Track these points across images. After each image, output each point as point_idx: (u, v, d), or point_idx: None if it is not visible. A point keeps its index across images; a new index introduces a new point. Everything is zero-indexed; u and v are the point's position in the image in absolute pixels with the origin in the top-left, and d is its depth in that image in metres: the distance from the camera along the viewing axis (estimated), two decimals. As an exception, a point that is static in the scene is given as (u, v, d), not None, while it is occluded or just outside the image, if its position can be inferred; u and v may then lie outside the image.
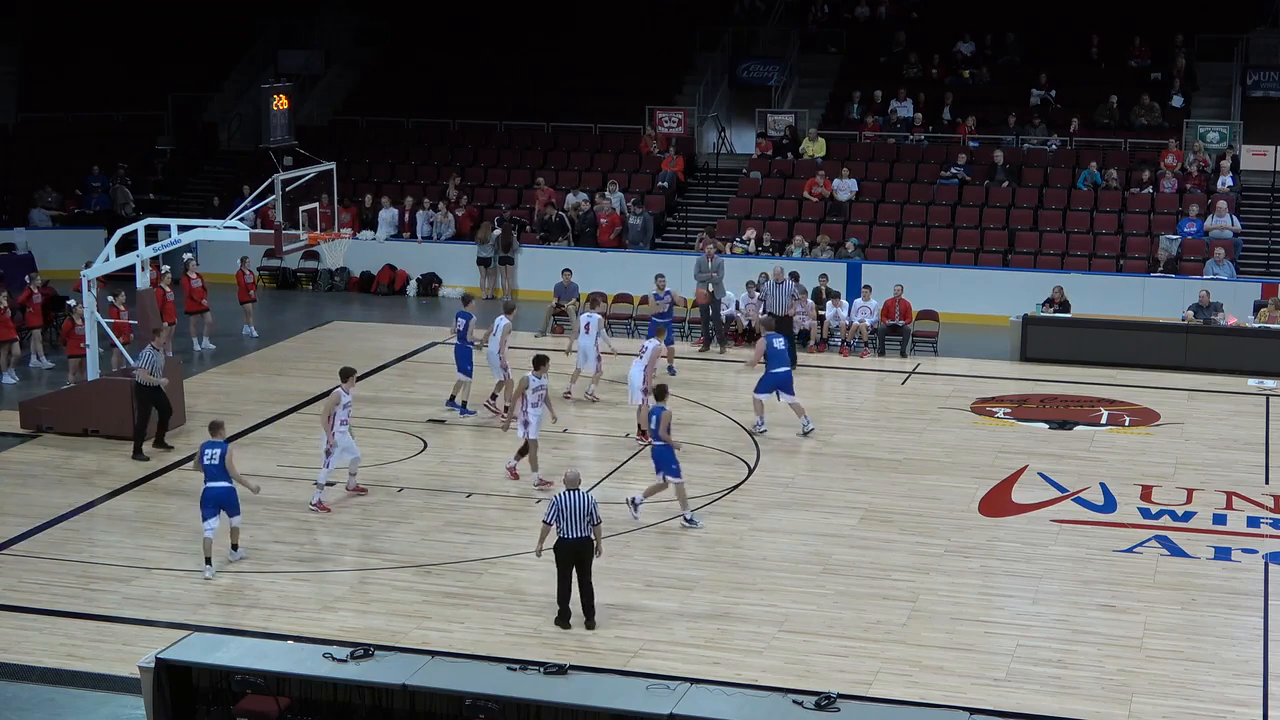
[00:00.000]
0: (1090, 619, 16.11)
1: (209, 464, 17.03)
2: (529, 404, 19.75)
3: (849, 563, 17.69)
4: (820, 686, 13.52)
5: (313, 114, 39.32)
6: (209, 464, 17.03)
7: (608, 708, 12.16)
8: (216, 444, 17.14)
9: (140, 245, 22.79)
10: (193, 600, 16.51)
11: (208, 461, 17.04)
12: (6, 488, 20.27)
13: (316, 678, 12.73)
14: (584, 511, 15.45)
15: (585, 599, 15.69)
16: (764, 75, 38.12)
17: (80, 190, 37.61)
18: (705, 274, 28.10)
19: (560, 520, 15.46)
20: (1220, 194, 31.93)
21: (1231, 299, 28.56)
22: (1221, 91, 36.07)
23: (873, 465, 21.26)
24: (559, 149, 37.42)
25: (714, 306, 28.28)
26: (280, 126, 22.98)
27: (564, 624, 15.63)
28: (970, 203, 33.36)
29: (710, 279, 28.09)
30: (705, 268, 28.15)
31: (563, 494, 15.57)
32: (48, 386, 25.31)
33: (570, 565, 15.58)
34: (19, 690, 14.63)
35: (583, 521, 15.43)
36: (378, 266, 34.25)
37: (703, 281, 28.12)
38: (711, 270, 28.09)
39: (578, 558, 15.56)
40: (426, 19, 40.91)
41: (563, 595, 15.68)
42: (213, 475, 17.02)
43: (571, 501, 15.46)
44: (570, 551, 15.54)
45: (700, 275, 28.17)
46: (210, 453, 17.05)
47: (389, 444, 22.02)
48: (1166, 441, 22.71)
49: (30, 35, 41.24)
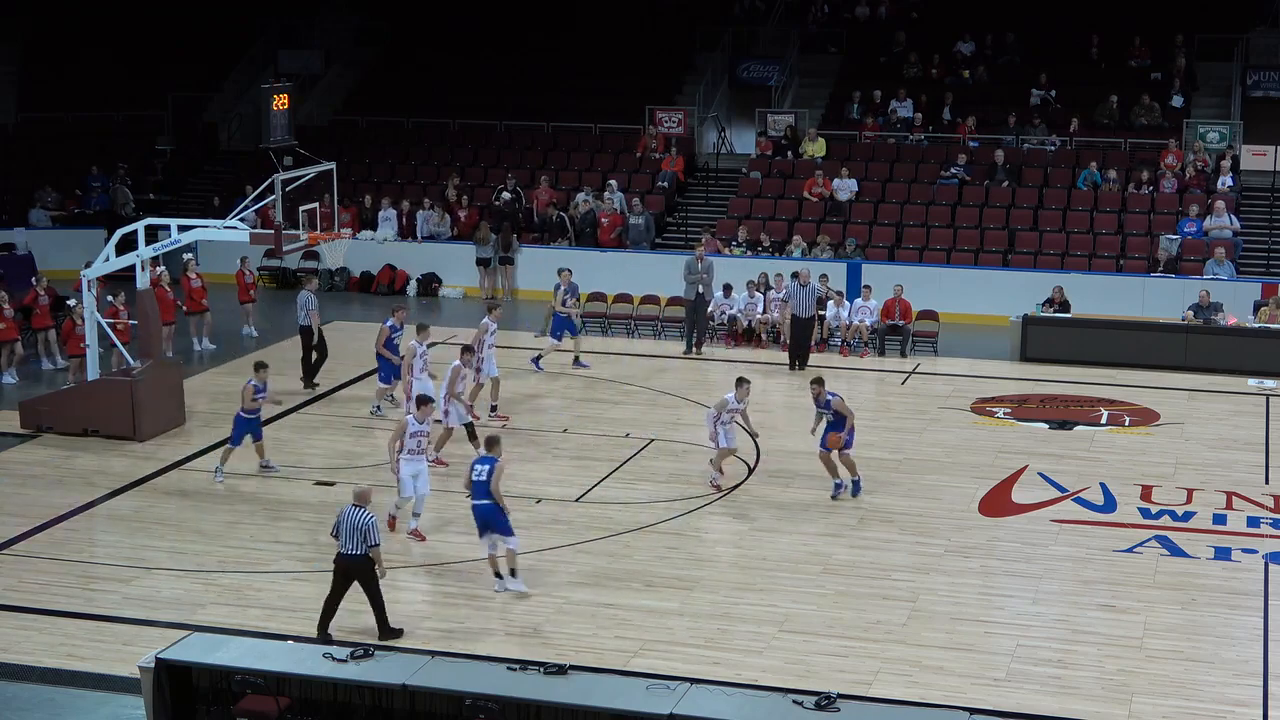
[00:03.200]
0: (1090, 619, 16.11)
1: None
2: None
3: (849, 563, 17.69)
4: (820, 686, 13.53)
5: (313, 114, 39.31)
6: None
7: (608, 708, 12.17)
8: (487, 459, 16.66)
9: (140, 245, 22.79)
10: (193, 600, 16.52)
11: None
12: (6, 488, 20.28)
13: (316, 678, 12.75)
14: (359, 530, 15.11)
15: (376, 615, 15.37)
16: (764, 75, 38.12)
17: (80, 190, 37.61)
18: (695, 275, 28.04)
19: (339, 535, 15.26)
20: (1220, 194, 31.92)
21: (1231, 299, 28.55)
22: (1221, 91, 36.06)
23: (873, 465, 21.25)
24: (559, 149, 37.42)
25: (701, 307, 28.25)
26: (280, 126, 22.98)
27: (322, 639, 15.13)
28: (970, 203, 33.36)
29: (700, 280, 28.01)
30: (695, 269, 28.08)
31: (347, 509, 15.32)
32: (48, 386, 25.32)
33: (341, 580, 15.29)
34: (19, 690, 14.64)
35: (357, 540, 15.12)
36: (378, 266, 34.26)
37: (691, 283, 28.02)
38: (701, 272, 28.02)
39: (350, 575, 15.24)
40: (426, 19, 40.91)
41: (326, 611, 15.34)
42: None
43: (349, 518, 15.19)
44: (342, 568, 15.27)
45: (689, 276, 28.11)
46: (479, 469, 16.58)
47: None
48: (1166, 441, 22.71)
49: (30, 35, 41.24)
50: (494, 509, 16.41)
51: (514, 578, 16.61)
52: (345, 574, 15.30)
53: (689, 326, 28.45)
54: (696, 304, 28.13)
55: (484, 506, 16.44)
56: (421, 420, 18.01)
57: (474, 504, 16.53)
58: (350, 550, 15.19)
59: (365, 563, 15.22)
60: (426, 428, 18.13)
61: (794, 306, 26.99)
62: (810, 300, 27.01)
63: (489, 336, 23.12)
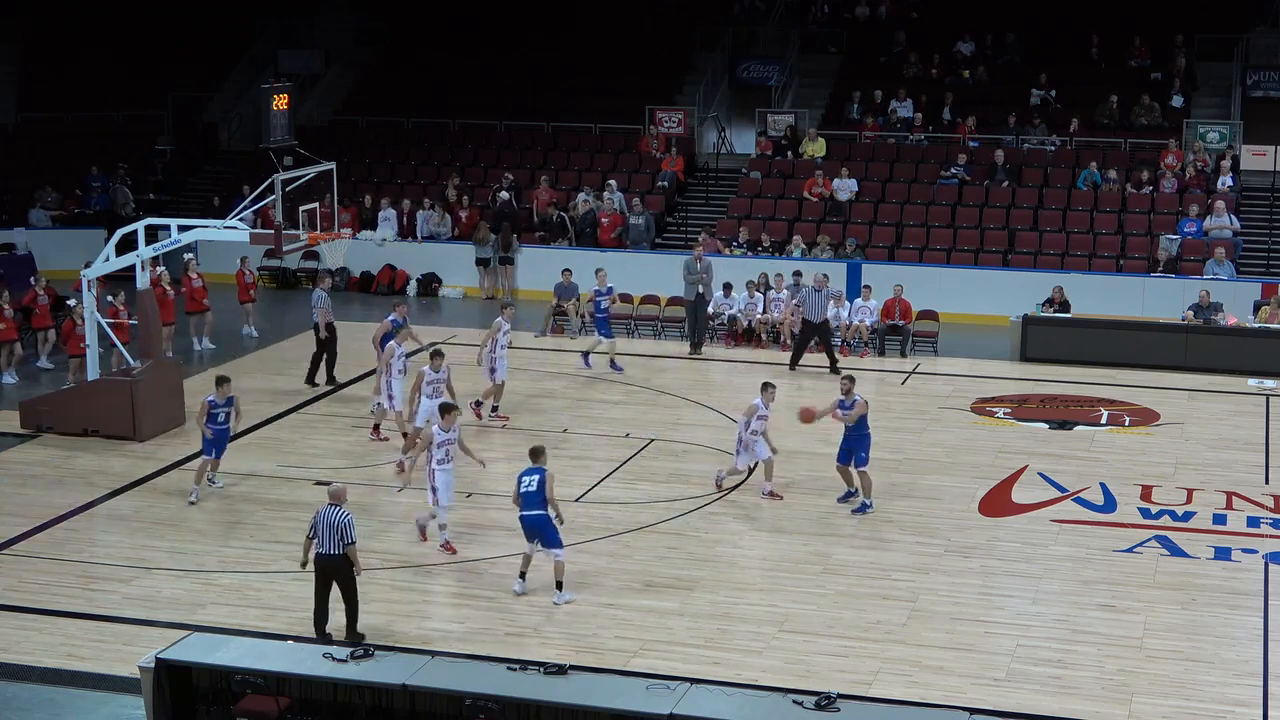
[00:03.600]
0: (1090, 619, 16.11)
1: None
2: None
3: (849, 563, 17.69)
4: (820, 686, 13.52)
5: (313, 114, 39.31)
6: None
7: (608, 708, 12.16)
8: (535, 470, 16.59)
9: (140, 245, 22.79)
10: (193, 600, 16.52)
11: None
12: (6, 488, 20.28)
13: (316, 678, 12.74)
14: (336, 529, 15.10)
15: (348, 614, 15.35)
16: (764, 75, 38.12)
17: (80, 190, 37.61)
18: (694, 275, 28.00)
19: (316, 535, 15.25)
20: (1220, 194, 31.92)
21: (1231, 299, 28.55)
22: (1221, 91, 36.07)
23: (873, 465, 21.23)
24: (559, 149, 37.42)
25: (701, 307, 28.23)
26: (280, 126, 22.98)
27: (322, 639, 15.14)
28: (970, 203, 33.36)
29: (700, 280, 27.98)
30: (694, 269, 28.06)
31: (323, 509, 15.30)
32: (48, 386, 25.32)
33: (324, 581, 15.30)
34: (19, 690, 14.64)
35: (334, 539, 15.11)
36: (378, 266, 34.26)
37: (691, 283, 28.00)
38: (700, 272, 27.99)
39: (329, 575, 15.24)
40: (426, 19, 40.91)
41: (317, 612, 15.34)
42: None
43: (326, 517, 15.18)
44: (320, 568, 15.27)
45: (689, 277, 28.07)
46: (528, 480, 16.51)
47: (389, 444, 22.01)
48: (1166, 441, 22.71)
49: (30, 35, 41.24)
50: (545, 520, 16.37)
51: (559, 590, 16.45)
52: (324, 574, 15.29)
53: (690, 326, 28.45)
54: (696, 304, 28.13)
55: (536, 517, 16.36)
56: (447, 429, 17.79)
57: (524, 514, 16.42)
58: (328, 550, 15.18)
59: (343, 562, 15.22)
60: (455, 435, 17.88)
61: (807, 310, 26.83)
62: (823, 303, 26.82)
63: (502, 336, 22.98)
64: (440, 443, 17.64)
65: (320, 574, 15.32)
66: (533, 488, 16.36)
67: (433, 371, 20.45)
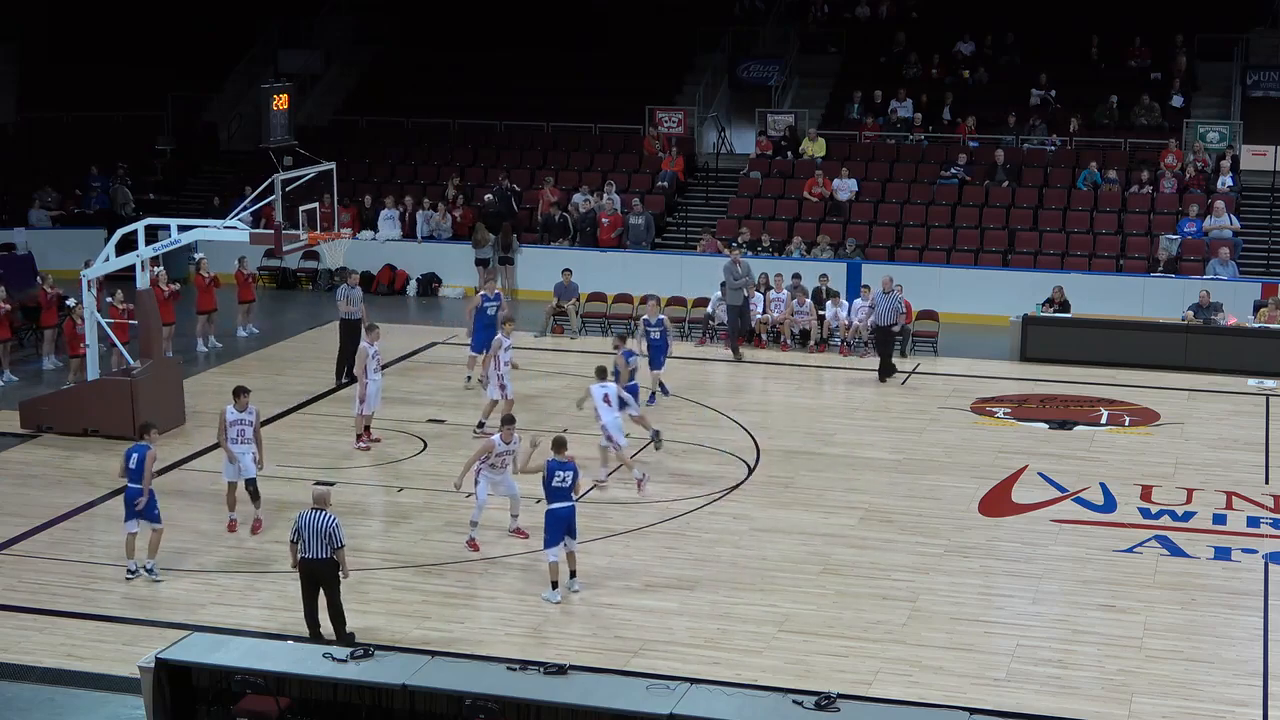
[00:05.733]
0: (1090, 619, 16.12)
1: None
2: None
3: (849, 563, 17.69)
4: (820, 686, 13.53)
5: (313, 114, 39.32)
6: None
7: (608, 708, 12.16)
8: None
9: (140, 245, 22.79)
10: (193, 600, 16.52)
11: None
12: (6, 488, 20.28)
13: (316, 678, 12.73)
14: (322, 533, 15.06)
15: (333, 618, 15.29)
16: (764, 75, 38.12)
17: (80, 190, 37.61)
18: (738, 280, 27.47)
19: (300, 539, 15.19)
20: (1220, 194, 31.92)
21: (1231, 299, 28.55)
22: (1221, 91, 36.07)
23: (873, 465, 21.26)
24: (559, 149, 37.42)
25: (745, 312, 27.85)
26: (280, 126, 22.97)
27: (316, 641, 15.06)
28: (970, 203, 33.36)
29: (744, 283, 27.67)
30: (736, 274, 27.53)
31: (306, 513, 15.24)
32: (48, 386, 25.32)
33: (311, 586, 15.25)
34: (19, 690, 14.64)
35: (321, 543, 15.08)
36: (378, 266, 34.25)
37: (735, 289, 27.61)
38: (743, 275, 27.64)
39: (315, 579, 15.19)
40: (426, 19, 40.91)
41: (308, 615, 15.31)
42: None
43: (311, 521, 15.12)
44: (307, 572, 15.23)
45: (734, 283, 27.48)
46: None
47: (389, 444, 22.02)
48: (1166, 441, 22.71)
49: (30, 35, 41.23)
50: (574, 511, 16.59)
51: (573, 578, 16.65)
52: (310, 577, 15.24)
53: (733, 333, 27.89)
54: (743, 309, 27.80)
55: (570, 509, 16.50)
56: (507, 441, 17.68)
57: (555, 508, 16.43)
58: (315, 554, 15.12)
59: (330, 566, 15.17)
60: (514, 446, 17.73)
61: (877, 315, 26.37)
62: (893, 308, 26.25)
63: (504, 354, 22.63)
64: (500, 453, 17.67)
65: (306, 578, 15.26)
66: (566, 482, 16.49)
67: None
